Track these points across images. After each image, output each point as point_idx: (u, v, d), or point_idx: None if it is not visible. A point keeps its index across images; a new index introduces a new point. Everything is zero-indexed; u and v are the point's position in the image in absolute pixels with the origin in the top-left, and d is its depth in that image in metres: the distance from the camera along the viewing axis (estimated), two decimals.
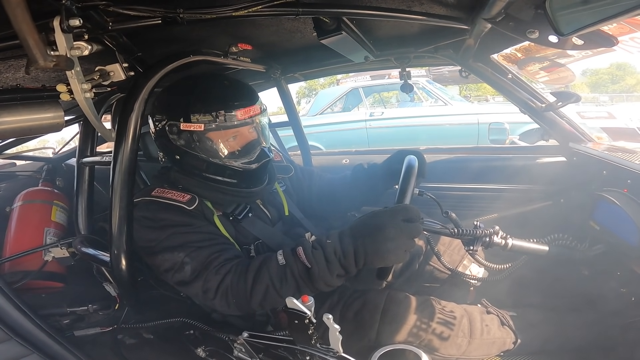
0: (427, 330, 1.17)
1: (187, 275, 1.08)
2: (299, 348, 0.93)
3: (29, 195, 1.65)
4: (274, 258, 1.04)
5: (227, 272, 1.06)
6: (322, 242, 1.01)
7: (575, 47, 1.02)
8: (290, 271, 1.00)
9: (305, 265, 0.99)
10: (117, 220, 1.08)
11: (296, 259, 1.01)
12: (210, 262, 1.08)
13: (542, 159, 1.86)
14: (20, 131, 1.16)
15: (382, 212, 0.98)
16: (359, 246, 0.95)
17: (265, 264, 1.04)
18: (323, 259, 0.98)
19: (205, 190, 1.21)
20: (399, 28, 1.41)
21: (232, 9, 0.89)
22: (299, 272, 1.00)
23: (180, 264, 1.08)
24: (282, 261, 1.02)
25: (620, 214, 1.18)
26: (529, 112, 1.73)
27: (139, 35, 1.09)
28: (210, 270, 1.07)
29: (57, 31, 0.75)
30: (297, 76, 2.04)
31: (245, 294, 1.04)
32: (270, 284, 1.01)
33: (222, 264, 1.08)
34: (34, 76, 1.29)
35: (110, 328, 1.30)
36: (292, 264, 1.01)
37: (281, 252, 1.05)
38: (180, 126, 1.13)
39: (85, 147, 1.43)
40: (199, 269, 1.07)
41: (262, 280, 1.02)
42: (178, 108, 1.15)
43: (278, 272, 1.01)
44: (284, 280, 1.01)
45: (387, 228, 0.93)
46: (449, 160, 2.08)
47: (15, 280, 1.37)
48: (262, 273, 1.03)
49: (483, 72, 1.70)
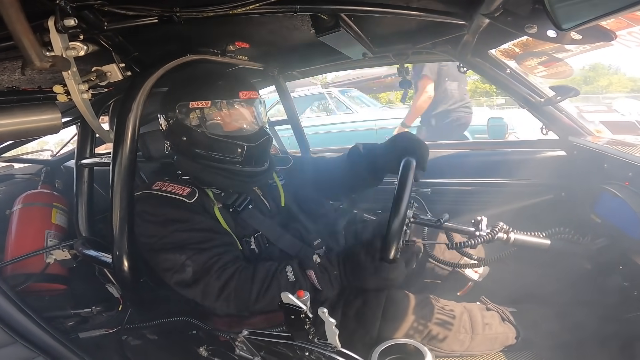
0: (429, 327, 1.18)
1: (188, 277, 1.11)
2: (298, 344, 0.94)
3: (29, 198, 1.64)
4: (283, 274, 1.12)
5: (229, 277, 1.11)
6: (327, 269, 1.13)
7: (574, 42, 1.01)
8: (299, 287, 1.08)
9: (316, 287, 1.11)
10: (118, 221, 1.08)
11: (306, 279, 1.12)
12: (210, 265, 1.11)
13: (542, 153, 1.86)
14: (18, 134, 1.15)
15: (367, 265, 1.10)
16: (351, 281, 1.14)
17: (276, 278, 1.12)
18: (329, 283, 1.12)
19: (208, 175, 1.26)
20: (397, 24, 1.40)
21: (229, 7, 0.88)
22: (306, 289, 1.07)
23: (182, 265, 1.11)
24: (292, 278, 1.11)
25: (623, 207, 1.18)
26: (528, 107, 1.73)
27: (135, 35, 1.08)
28: (211, 275, 1.10)
29: (52, 31, 0.75)
30: (295, 74, 2.03)
31: (248, 300, 1.11)
32: (278, 295, 1.06)
33: (223, 268, 1.12)
34: (30, 78, 1.28)
35: (114, 329, 1.30)
36: (302, 282, 1.11)
37: (290, 268, 1.13)
38: (189, 105, 1.22)
39: (83, 149, 1.43)
40: (199, 272, 1.11)
41: (270, 292, 1.10)
42: (187, 89, 1.26)
43: (287, 286, 1.10)
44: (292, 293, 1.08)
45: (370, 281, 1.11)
46: (449, 156, 2.07)
47: (18, 283, 1.37)
48: (272, 286, 1.11)
49: (481, 67, 1.70)
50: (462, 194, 1.93)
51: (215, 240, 1.17)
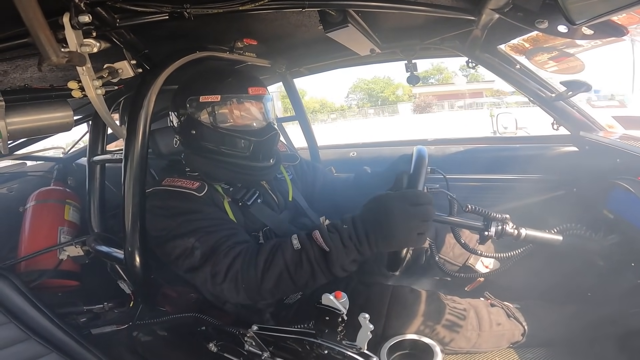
0: (436, 324, 1.17)
1: (197, 260, 1.07)
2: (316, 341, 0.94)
3: (42, 195, 1.67)
4: (288, 242, 1.02)
5: (236, 255, 1.05)
6: (337, 226, 0.99)
7: (585, 37, 1.01)
8: (306, 255, 0.98)
9: (323, 248, 0.97)
10: (130, 217, 1.09)
11: (312, 242, 0.99)
12: (219, 245, 1.07)
13: (554, 148, 1.84)
14: (30, 131, 1.18)
15: (389, 198, 0.96)
16: (371, 233, 0.95)
17: (280, 248, 1.02)
18: (340, 242, 0.96)
19: (216, 169, 1.26)
20: (404, 20, 1.40)
21: (239, 3, 0.89)
22: (315, 256, 0.98)
23: (191, 249, 1.08)
24: (298, 245, 1.00)
25: (636, 202, 1.16)
26: (539, 102, 1.71)
27: (145, 32, 1.10)
28: (219, 254, 1.05)
29: (67, 27, 0.76)
30: (303, 70, 2.03)
31: (256, 278, 1.01)
32: (284, 268, 1.00)
33: (231, 247, 1.07)
34: (42, 76, 1.30)
35: (125, 326, 1.32)
36: (308, 248, 0.99)
37: (296, 236, 1.02)
38: (199, 99, 1.24)
39: (95, 146, 1.45)
40: (208, 253, 1.07)
41: (275, 265, 1.00)
42: (198, 84, 1.27)
43: (293, 256, 0.99)
44: (299, 265, 0.99)
45: (395, 215, 0.92)
46: (459, 152, 2.06)
47: (32, 280, 1.38)
48: (276, 257, 1.01)
49: (490, 62, 1.69)
50: (473, 189, 1.92)
51: (224, 225, 1.16)
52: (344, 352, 0.89)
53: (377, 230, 0.94)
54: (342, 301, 0.87)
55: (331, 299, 0.86)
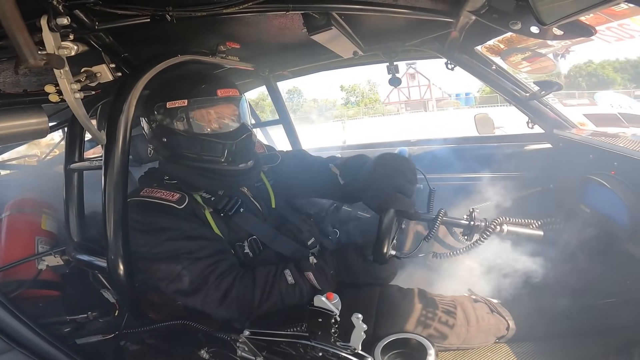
0: (426, 321, 1.17)
1: (186, 287, 1.12)
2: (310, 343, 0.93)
3: (17, 204, 1.60)
4: (283, 277, 1.16)
5: (229, 286, 1.13)
6: (324, 269, 1.17)
7: (556, 37, 1.05)
8: (299, 289, 1.15)
9: (316, 287, 1.16)
10: (112, 224, 1.06)
11: (305, 280, 1.16)
12: (207, 275, 1.12)
13: (529, 146, 1.90)
14: (4, 139, 1.13)
15: (358, 267, 1.17)
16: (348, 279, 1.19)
17: (276, 283, 1.15)
18: (327, 282, 1.17)
19: (193, 177, 1.25)
20: (386, 22, 1.42)
21: (222, 6, 0.88)
22: (307, 290, 1.16)
23: (177, 275, 1.12)
24: (292, 281, 1.15)
25: (610, 196, 1.21)
26: (514, 101, 1.77)
27: (125, 35, 1.07)
28: (210, 285, 1.12)
29: (45, 30, 0.73)
30: (286, 74, 2.04)
31: (251, 306, 1.14)
32: (279, 298, 1.15)
33: (220, 277, 1.14)
34: (14, 81, 1.25)
35: (112, 335, 1.28)
36: (301, 284, 1.16)
37: (288, 272, 1.16)
38: (166, 105, 1.22)
39: (72, 153, 1.40)
40: (197, 282, 1.12)
41: (272, 296, 1.14)
42: (165, 90, 1.25)
43: (287, 289, 1.15)
44: (292, 295, 1.16)
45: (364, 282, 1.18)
46: (439, 152, 2.11)
47: (10, 290, 1.33)
48: (273, 291, 1.15)
49: (468, 64, 1.73)
50: (453, 189, 1.96)
51: (209, 247, 1.16)
52: (338, 354, 0.89)
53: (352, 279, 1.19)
54: (334, 302, 0.88)
55: (323, 300, 0.87)
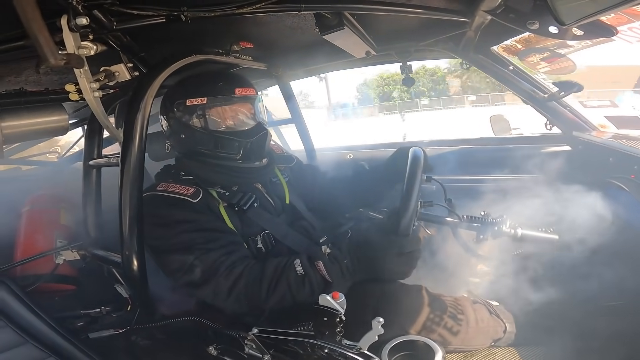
0: (429, 321, 1.14)
1: (197, 278, 1.12)
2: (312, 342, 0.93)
3: (37, 199, 1.65)
4: (292, 268, 1.10)
5: (238, 276, 1.11)
6: (338, 258, 1.09)
7: (576, 38, 1.02)
8: (308, 281, 1.09)
9: (326, 279, 1.08)
10: (128, 220, 1.08)
11: (315, 271, 1.09)
12: (218, 265, 1.12)
13: (547, 148, 1.86)
14: (25, 135, 1.17)
15: (381, 245, 1.06)
16: (364, 269, 1.09)
17: (284, 272, 1.10)
18: (340, 273, 1.08)
19: (209, 173, 1.28)
20: (399, 22, 1.41)
21: (235, 6, 0.89)
22: (317, 282, 1.09)
23: (190, 266, 1.12)
24: (301, 271, 1.09)
25: (629, 200, 1.18)
26: (532, 102, 1.73)
27: (141, 35, 1.09)
28: (220, 275, 1.11)
29: (65, 30, 0.76)
30: (299, 73, 2.04)
31: (259, 298, 1.10)
32: (287, 290, 1.09)
33: (231, 267, 1.12)
34: (36, 79, 1.29)
35: (123, 329, 1.31)
36: (311, 275, 1.09)
37: (298, 262, 1.11)
38: (186, 102, 1.26)
39: (91, 150, 1.44)
40: (207, 272, 1.12)
41: (280, 288, 1.09)
42: (185, 88, 1.30)
43: (296, 281, 1.09)
44: (301, 288, 1.09)
45: (386, 261, 1.05)
46: (454, 152, 2.08)
47: (28, 284, 1.37)
48: (281, 282, 1.10)
49: (484, 64, 1.71)
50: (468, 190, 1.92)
51: (222, 239, 1.17)
52: (345, 354, 0.89)
53: (369, 268, 1.08)
54: (340, 301, 0.88)
55: (328, 299, 0.87)
